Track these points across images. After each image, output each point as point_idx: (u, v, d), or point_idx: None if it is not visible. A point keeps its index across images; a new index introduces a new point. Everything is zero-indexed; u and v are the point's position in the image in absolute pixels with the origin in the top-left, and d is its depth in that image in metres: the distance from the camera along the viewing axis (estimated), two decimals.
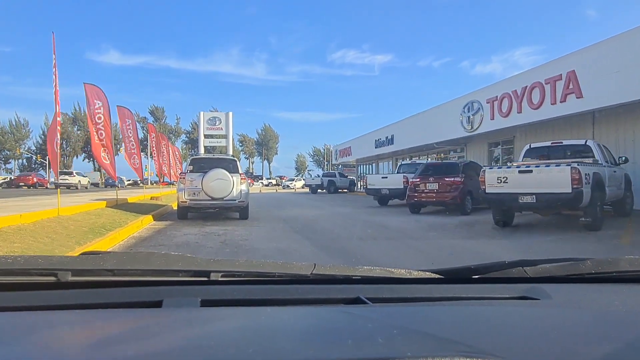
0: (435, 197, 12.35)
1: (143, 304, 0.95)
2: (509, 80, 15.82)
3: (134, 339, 0.73)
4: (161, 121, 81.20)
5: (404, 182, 15.44)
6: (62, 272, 0.98)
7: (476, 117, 17.50)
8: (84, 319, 0.84)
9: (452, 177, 12.20)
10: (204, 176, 11.17)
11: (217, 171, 11.26)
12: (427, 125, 22.40)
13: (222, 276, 1.07)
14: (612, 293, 1.13)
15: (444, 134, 20.64)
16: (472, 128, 17.86)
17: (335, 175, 35.87)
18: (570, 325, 0.90)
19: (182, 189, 11.32)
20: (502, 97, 15.71)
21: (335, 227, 10.53)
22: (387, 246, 7.64)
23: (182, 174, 11.67)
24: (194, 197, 11.26)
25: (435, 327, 0.84)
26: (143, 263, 1.12)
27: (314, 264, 1.16)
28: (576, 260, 1.28)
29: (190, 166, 11.65)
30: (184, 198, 11.24)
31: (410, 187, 12.93)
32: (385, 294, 1.07)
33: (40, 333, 0.75)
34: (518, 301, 1.08)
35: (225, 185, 11.22)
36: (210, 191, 11.13)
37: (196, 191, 11.26)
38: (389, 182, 15.95)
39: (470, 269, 1.24)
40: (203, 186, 11.12)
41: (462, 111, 18.47)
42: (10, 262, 1.02)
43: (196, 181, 11.29)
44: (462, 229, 9.61)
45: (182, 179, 11.50)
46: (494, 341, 0.77)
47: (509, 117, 15.49)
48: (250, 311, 0.92)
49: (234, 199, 11.42)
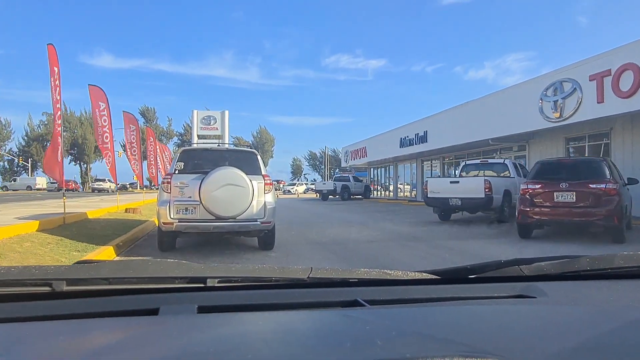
0: (574, 215, 7.72)
1: (139, 312, 0.93)
2: (635, 46, 11.22)
3: (131, 347, 0.71)
4: (152, 122, 77.45)
5: (486, 188, 10.87)
6: (57, 281, 0.96)
7: (569, 101, 12.97)
8: (80, 329, 0.82)
9: (600, 183, 7.60)
10: (203, 180, 6.54)
11: (225, 172, 6.61)
12: (479, 118, 17.84)
13: (218, 282, 1.06)
14: (608, 289, 1.14)
15: (507, 127, 16.09)
16: (560, 116, 13.32)
17: (350, 180, 31.34)
18: (567, 322, 0.90)
19: (166, 201, 6.64)
20: (622, 69, 11.20)
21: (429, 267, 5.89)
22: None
23: (167, 176, 6.97)
24: (186, 215, 6.59)
25: (433, 328, 0.84)
26: (139, 271, 1.10)
27: (310, 268, 1.15)
28: (571, 257, 1.29)
29: (179, 163, 6.96)
30: (169, 217, 6.56)
31: (524, 199, 8.30)
32: (383, 296, 1.07)
33: (36, 344, 0.74)
34: (515, 300, 1.09)
35: (239, 195, 6.58)
36: (214, 205, 6.48)
37: (190, 205, 6.59)
38: (462, 188, 11.35)
39: (466, 268, 1.24)
40: (202, 197, 6.48)
41: (543, 95, 13.95)
42: (4, 272, 1.00)
43: (190, 188, 6.64)
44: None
45: (165, 184, 6.81)
46: (493, 340, 0.77)
47: (633, 98, 10.97)
48: (248, 316, 0.91)
49: (253, 219, 6.77)
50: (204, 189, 6.46)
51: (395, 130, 26.95)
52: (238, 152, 7.54)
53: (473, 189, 11.13)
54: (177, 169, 6.84)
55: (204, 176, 6.56)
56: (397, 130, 26.56)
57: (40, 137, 71.91)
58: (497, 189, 11.10)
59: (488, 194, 10.86)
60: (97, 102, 11.93)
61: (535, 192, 8.17)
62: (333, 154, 76.31)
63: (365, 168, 37.93)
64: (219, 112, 32.15)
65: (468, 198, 11.21)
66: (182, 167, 6.86)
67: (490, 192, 10.88)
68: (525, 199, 8.31)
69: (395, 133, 26.73)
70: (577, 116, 12.85)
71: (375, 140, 30.49)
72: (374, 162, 33.01)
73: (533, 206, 8.15)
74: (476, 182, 11.22)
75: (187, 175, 6.76)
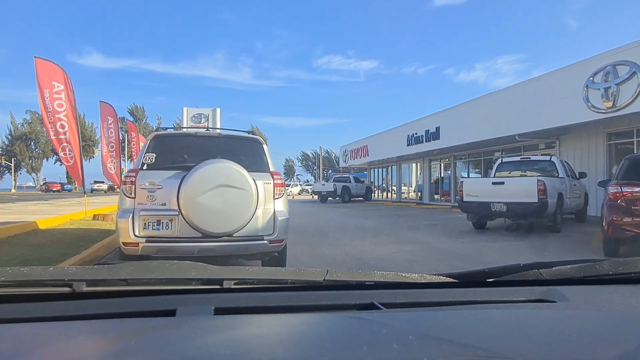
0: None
1: (157, 313, 0.94)
2: None
3: (148, 348, 0.72)
4: (141, 121, 75.06)
5: (540, 191, 8.79)
6: (77, 282, 0.98)
7: (625, 87, 10.97)
8: (99, 329, 0.83)
9: None
10: (184, 179, 4.38)
11: (217, 168, 4.46)
12: (504, 111, 15.82)
13: (235, 284, 1.06)
14: (631, 294, 1.11)
15: (540, 121, 14.08)
16: (613, 106, 11.31)
17: (350, 180, 29.19)
18: (588, 328, 0.88)
19: (129, 210, 4.45)
20: None
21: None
22: None
23: (130, 173, 4.75)
24: (158, 231, 4.42)
25: (451, 332, 0.82)
26: (156, 272, 1.11)
27: (326, 270, 1.14)
28: (592, 261, 1.26)
29: (150, 154, 4.77)
30: (132, 235, 4.37)
31: (616, 206, 6.20)
32: (400, 299, 1.05)
33: (57, 344, 0.75)
34: (534, 304, 1.06)
35: (237, 201, 4.44)
36: (199, 217, 4.32)
37: (164, 217, 4.43)
38: (509, 191, 9.22)
39: (484, 272, 1.22)
40: (182, 204, 4.32)
41: (590, 82, 11.94)
42: (27, 273, 1.03)
43: (165, 191, 4.49)
44: None
45: (127, 184, 4.61)
46: (512, 345, 0.75)
47: None
48: (264, 318, 0.90)
49: (257, 236, 4.63)
50: (186, 192, 4.31)
51: (401, 127, 24.87)
52: (236, 139, 5.31)
53: (523, 192, 9.03)
54: (145, 163, 4.67)
55: (186, 173, 4.41)
56: (404, 126, 24.47)
57: (24, 135, 69.10)
58: (551, 192, 9.03)
59: (542, 199, 8.78)
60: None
61: (634, 197, 6.09)
62: (326, 154, 74.41)
63: (364, 168, 35.85)
64: (209, 109, 29.92)
65: (516, 203, 9.10)
66: (153, 159, 4.69)
67: (545, 196, 8.80)
68: (617, 206, 6.22)
69: (401, 130, 24.64)
70: (636, 105, 10.85)
71: (379, 138, 28.38)
72: (375, 162, 30.93)
73: (631, 215, 6.07)
74: (527, 184, 9.11)
75: (160, 172, 4.59)
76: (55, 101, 9.73)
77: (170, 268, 1.14)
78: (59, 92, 9.75)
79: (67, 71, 9.97)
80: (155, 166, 4.65)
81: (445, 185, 23.95)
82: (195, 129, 4.95)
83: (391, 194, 30.77)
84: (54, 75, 9.72)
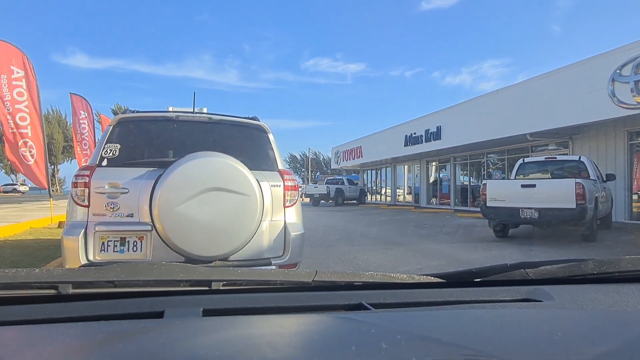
0: None
1: (145, 314, 0.92)
2: None
3: (136, 350, 0.70)
4: None
5: (579, 196, 7.63)
6: (63, 284, 0.96)
7: None
8: (86, 332, 0.81)
9: None
10: (160, 180, 3.07)
11: (205, 164, 3.15)
12: (515, 108, 14.74)
13: (223, 285, 1.05)
14: (615, 293, 1.12)
15: (556, 118, 13.00)
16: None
17: (344, 183, 28.01)
18: (574, 326, 0.89)
19: (79, 224, 3.13)
20: None
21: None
22: None
23: (84, 171, 3.37)
24: (121, 254, 3.09)
25: (439, 332, 0.82)
26: (144, 274, 1.08)
27: (315, 271, 1.12)
28: (577, 261, 1.25)
29: (112, 145, 3.45)
30: (84, 259, 3.02)
31: None
32: (388, 300, 1.05)
33: (43, 347, 0.73)
34: (521, 303, 1.07)
35: (235, 210, 3.13)
36: (181, 234, 3.01)
37: (131, 233, 3.11)
38: (541, 195, 8.02)
39: (472, 272, 1.21)
40: (157, 215, 3.01)
41: (617, 75, 10.88)
42: (12, 275, 0.99)
43: (131, 197, 3.16)
44: None
45: (79, 187, 3.27)
46: (499, 344, 0.75)
47: None
48: (253, 320, 0.88)
49: (263, 259, 3.33)
50: (162, 198, 3.00)
51: (398, 127, 23.72)
52: (232, 126, 3.97)
53: (559, 196, 7.86)
54: (105, 157, 3.35)
55: (163, 172, 3.10)
56: (401, 126, 23.32)
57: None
58: (590, 196, 7.89)
59: (581, 204, 7.62)
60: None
61: None
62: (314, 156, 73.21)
63: (356, 170, 34.67)
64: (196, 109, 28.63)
65: (550, 209, 7.93)
66: (117, 152, 3.37)
67: (584, 201, 7.65)
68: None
69: (398, 130, 23.49)
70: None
71: (373, 138, 27.20)
72: (369, 164, 29.76)
73: None
74: (564, 187, 7.92)
75: (126, 169, 3.28)
76: (15, 89, 8.30)
77: (159, 269, 1.09)
78: (19, 78, 8.34)
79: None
80: (119, 162, 3.32)
81: (444, 188, 22.86)
82: (175, 112, 3.58)
83: (384, 197, 29.63)
84: (12, 59, 8.29)
